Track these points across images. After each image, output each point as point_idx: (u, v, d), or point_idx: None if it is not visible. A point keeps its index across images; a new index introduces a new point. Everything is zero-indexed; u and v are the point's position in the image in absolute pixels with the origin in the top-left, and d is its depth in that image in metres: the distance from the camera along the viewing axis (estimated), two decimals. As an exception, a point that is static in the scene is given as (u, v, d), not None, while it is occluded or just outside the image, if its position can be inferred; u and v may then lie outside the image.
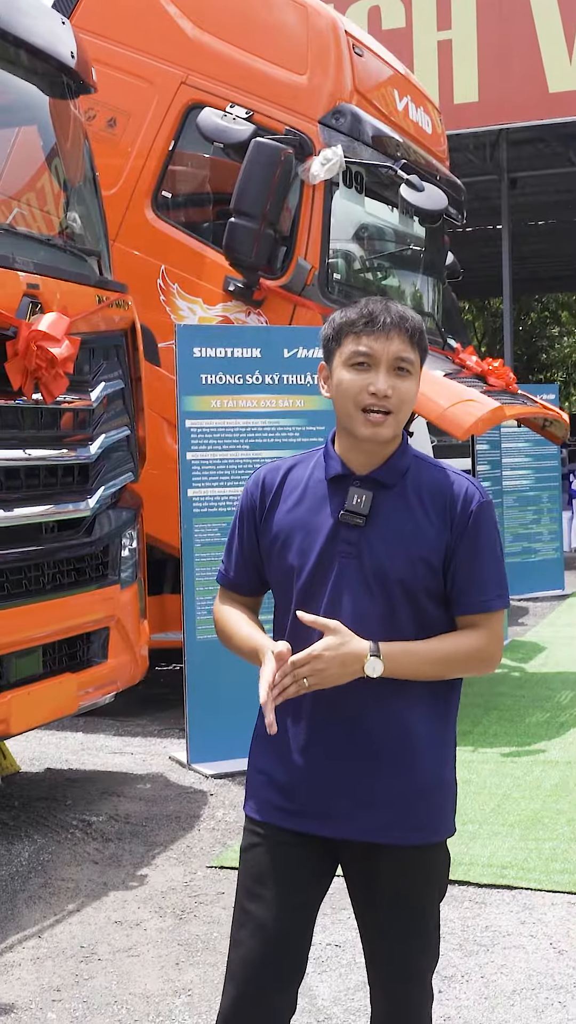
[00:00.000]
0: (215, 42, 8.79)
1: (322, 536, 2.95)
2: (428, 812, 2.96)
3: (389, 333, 2.90)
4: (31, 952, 4.87)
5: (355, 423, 2.92)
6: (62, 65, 6.71)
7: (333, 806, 2.91)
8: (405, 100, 9.59)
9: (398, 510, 2.94)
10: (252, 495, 3.10)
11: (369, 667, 2.80)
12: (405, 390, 2.92)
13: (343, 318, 2.97)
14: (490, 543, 2.98)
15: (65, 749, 8.18)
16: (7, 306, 5.72)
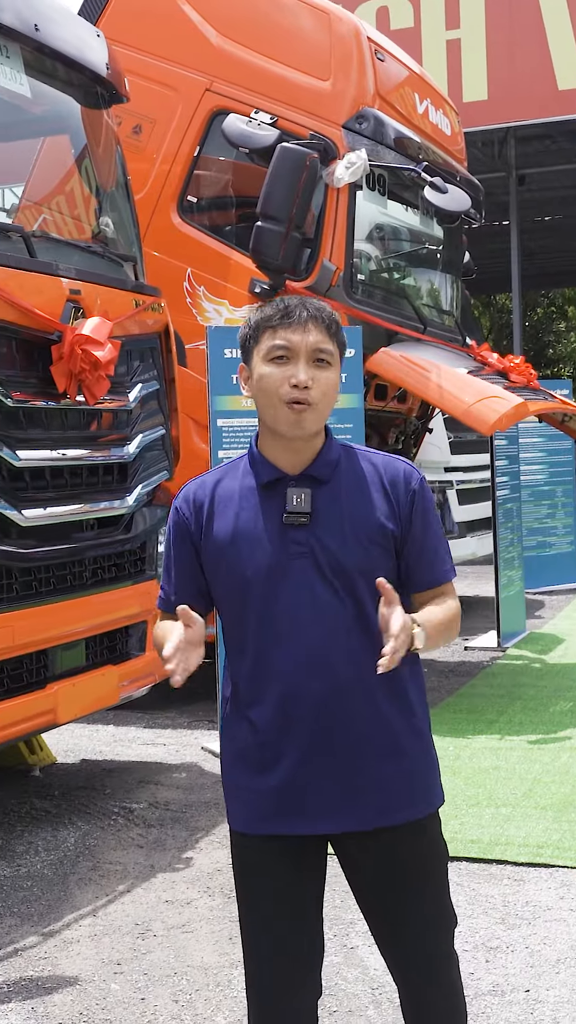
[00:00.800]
0: (239, 49, 8.99)
1: (269, 542, 2.94)
2: (419, 786, 3.01)
3: (306, 325, 2.90)
4: (88, 930, 5.09)
5: (278, 419, 2.91)
6: (97, 76, 6.92)
7: (324, 803, 2.93)
8: (425, 103, 9.79)
9: (339, 501, 2.95)
10: (183, 514, 3.06)
11: (418, 638, 2.82)
12: (325, 380, 2.92)
13: (260, 316, 2.98)
14: (435, 518, 3.06)
15: (98, 741, 8.39)
16: (51, 311, 5.93)
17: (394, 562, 2.99)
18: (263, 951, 3.00)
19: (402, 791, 2.97)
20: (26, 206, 7.64)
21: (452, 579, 3.07)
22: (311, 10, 9.01)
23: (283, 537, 2.93)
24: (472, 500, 13.04)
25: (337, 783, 2.93)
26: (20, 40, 6.19)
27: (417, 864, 3.01)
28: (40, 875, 5.76)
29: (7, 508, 5.65)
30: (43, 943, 4.97)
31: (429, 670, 10.59)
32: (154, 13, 9.23)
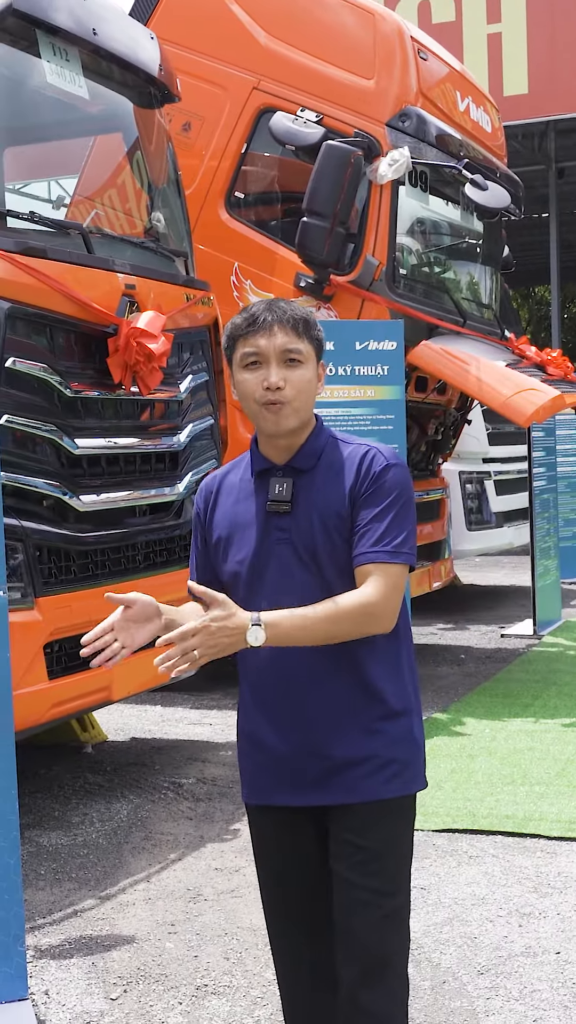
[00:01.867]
0: (285, 48, 9.21)
1: (256, 528, 3.10)
2: (378, 769, 3.05)
3: (271, 329, 3.02)
4: (142, 894, 5.36)
5: (259, 418, 3.07)
6: (150, 77, 7.16)
7: (302, 776, 3.06)
8: (467, 100, 10.00)
9: (317, 490, 3.07)
10: (199, 506, 3.26)
11: (251, 636, 2.85)
12: (298, 378, 3.03)
13: (231, 326, 3.11)
14: (387, 499, 3.03)
15: (146, 721, 8.67)
16: (108, 305, 6.19)
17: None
18: (275, 912, 3.22)
19: (360, 771, 3.04)
20: (81, 202, 7.90)
21: (380, 561, 2.99)
22: (356, 10, 9.22)
23: (268, 524, 3.08)
24: (509, 491, 13.26)
25: (309, 758, 3.05)
26: (79, 44, 6.44)
27: (366, 844, 3.05)
28: (95, 844, 6.03)
29: (66, 494, 5.91)
30: (100, 905, 5.25)
31: (466, 656, 10.85)
32: (203, 13, 9.45)
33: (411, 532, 3.06)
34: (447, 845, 5.87)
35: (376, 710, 3.06)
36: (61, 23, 6.20)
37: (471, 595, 14.62)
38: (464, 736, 7.85)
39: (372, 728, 3.05)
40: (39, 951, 4.78)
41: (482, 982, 4.40)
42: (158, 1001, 4.33)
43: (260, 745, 3.12)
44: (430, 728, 7.90)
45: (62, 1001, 4.37)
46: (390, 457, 3.10)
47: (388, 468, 3.07)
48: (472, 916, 4.98)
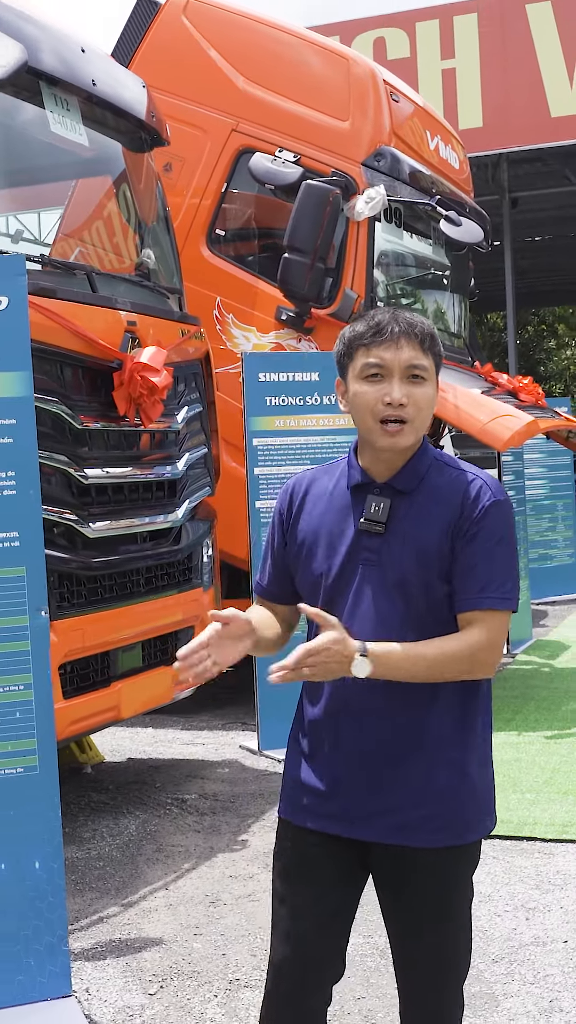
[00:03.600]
0: (263, 92, 9.57)
1: (345, 544, 2.97)
2: (453, 813, 2.94)
3: (399, 341, 2.90)
4: (163, 900, 5.63)
5: (373, 434, 2.92)
6: (142, 123, 7.50)
7: (358, 808, 2.95)
8: (436, 139, 10.40)
9: (414, 516, 2.93)
10: (281, 505, 3.13)
11: (356, 667, 2.79)
12: (421, 396, 2.92)
13: (352, 332, 2.98)
14: (493, 541, 2.91)
15: (140, 742, 8.93)
16: (112, 341, 6.49)
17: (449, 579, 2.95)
18: (281, 939, 3.07)
19: (432, 813, 2.93)
20: (77, 241, 8.20)
21: (485, 608, 2.90)
22: (330, 55, 9.61)
23: (357, 543, 2.96)
24: (478, 514, 13.59)
25: (372, 792, 2.94)
26: (79, 94, 6.77)
27: (436, 893, 2.99)
28: (110, 856, 6.30)
29: (78, 522, 6.20)
30: (124, 912, 5.52)
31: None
32: (182, 58, 9.79)
33: (516, 576, 2.97)
34: (447, 849, 6.17)
35: (460, 752, 2.96)
36: (64, 76, 6.52)
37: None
38: (451, 749, 8.15)
39: (453, 770, 2.94)
40: (73, 954, 5.04)
41: (497, 969, 4.70)
42: (194, 995, 4.61)
43: (319, 764, 3.01)
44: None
45: (103, 997, 4.63)
46: (496, 492, 2.96)
47: (495, 505, 2.93)
48: (481, 912, 5.28)
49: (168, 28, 9.86)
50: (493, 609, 2.90)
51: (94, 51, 7.04)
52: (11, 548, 4.49)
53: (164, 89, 9.49)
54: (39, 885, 4.48)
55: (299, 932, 3.02)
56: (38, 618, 4.53)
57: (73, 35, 6.83)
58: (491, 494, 2.93)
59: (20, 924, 4.44)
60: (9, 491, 4.49)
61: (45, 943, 4.47)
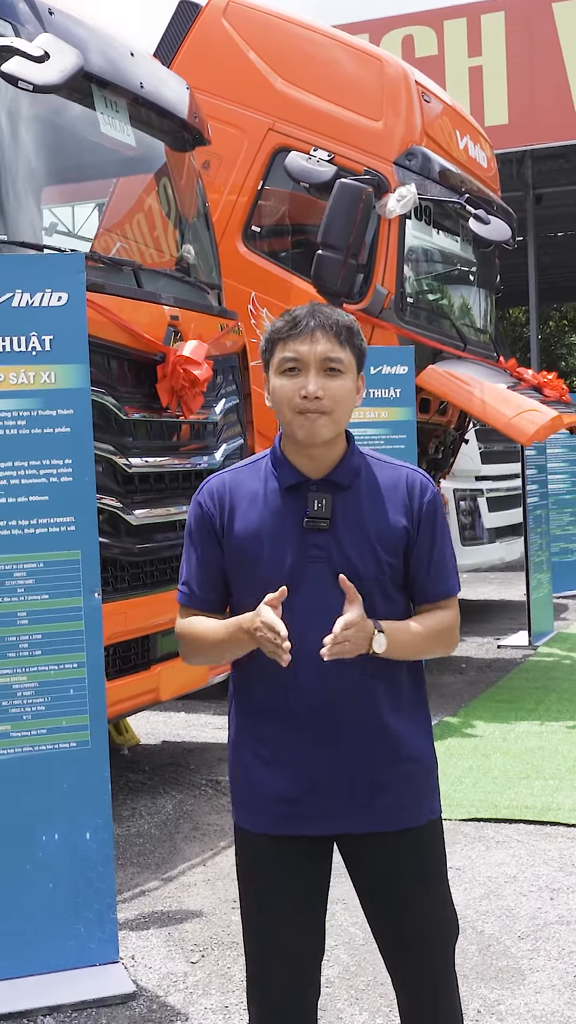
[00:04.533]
0: (299, 92, 9.77)
1: (290, 544, 2.96)
2: (419, 793, 3.08)
3: (314, 334, 2.91)
4: (201, 875, 5.85)
5: (292, 427, 2.94)
6: (185, 124, 7.69)
7: (329, 804, 3.00)
8: (465, 138, 10.58)
9: (359, 509, 2.97)
10: (209, 510, 3.07)
11: (377, 643, 2.88)
12: (337, 388, 2.93)
13: (272, 328, 3.00)
14: (444, 531, 3.06)
15: (173, 726, 9.15)
16: (156, 335, 6.70)
17: (403, 570, 3.04)
18: (265, 948, 3.12)
19: (401, 797, 3.04)
20: (122, 237, 8.40)
21: (455, 593, 3.09)
22: (364, 56, 9.81)
23: (302, 541, 2.97)
24: (501, 507, 13.81)
25: (339, 785, 3.00)
26: (128, 96, 6.97)
27: (415, 870, 3.09)
28: (148, 834, 6.52)
29: (122, 509, 6.41)
30: (164, 886, 5.74)
31: (467, 665, 11.37)
32: (222, 59, 9.98)
33: (455, 559, 3.15)
34: (474, 832, 6.38)
35: (411, 735, 3.06)
36: (115, 79, 6.72)
37: (464, 609, 15.06)
38: (476, 737, 8.37)
39: (409, 754, 3.05)
40: (118, 924, 5.25)
41: (523, 945, 4.91)
42: (234, 963, 4.82)
43: (283, 771, 3.02)
44: (443, 730, 8.43)
45: (148, 964, 4.85)
46: (431, 482, 3.10)
47: (436, 497, 3.07)
48: (506, 891, 5.50)
49: (208, 30, 10.06)
50: (455, 594, 3.11)
51: (141, 54, 7.25)
52: (67, 532, 4.71)
53: (203, 89, 9.67)
54: (89, 855, 4.71)
55: (282, 945, 3.09)
56: (91, 600, 4.76)
57: (121, 38, 7.04)
58: (431, 487, 3.08)
59: (71, 892, 4.67)
60: (66, 478, 4.71)
61: (95, 911, 4.69)
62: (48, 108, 6.45)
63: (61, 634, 4.70)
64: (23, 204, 6.31)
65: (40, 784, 4.67)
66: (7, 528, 4.65)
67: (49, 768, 4.68)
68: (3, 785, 4.62)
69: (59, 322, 4.69)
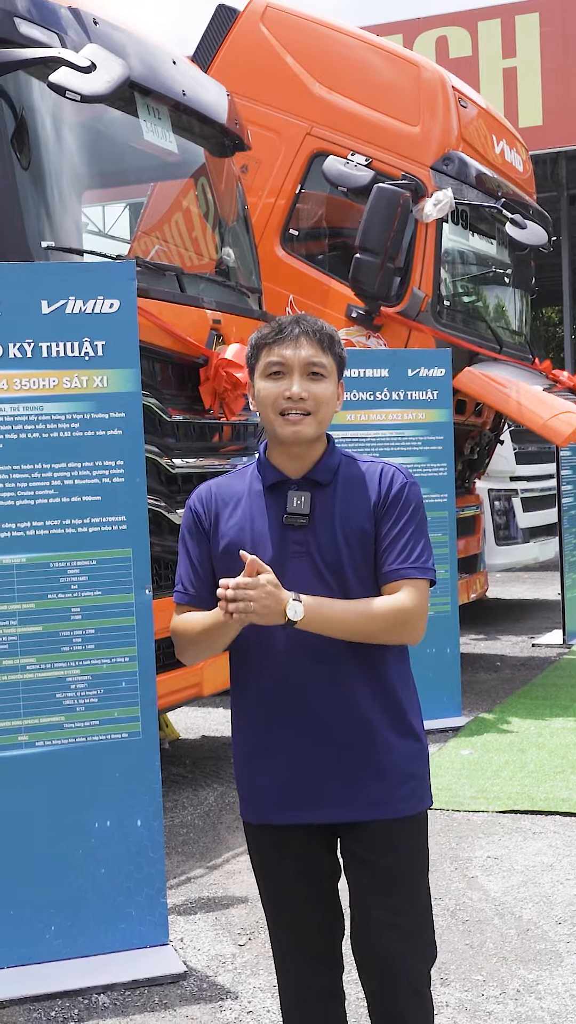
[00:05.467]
0: (336, 97, 9.93)
1: (271, 542, 3.08)
2: (398, 786, 3.11)
3: (298, 340, 3.05)
4: (245, 863, 6.00)
5: (276, 426, 3.07)
6: (226, 130, 7.87)
7: (316, 793, 3.08)
8: (501, 143, 10.71)
9: (337, 504, 3.08)
10: (197, 513, 3.20)
11: (291, 609, 2.92)
12: (320, 392, 3.05)
13: (258, 335, 3.13)
14: (413, 518, 3.10)
15: (212, 721, 9.32)
16: (199, 338, 6.87)
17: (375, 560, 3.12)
18: (286, 943, 3.25)
19: (380, 788, 3.09)
20: (162, 241, 8.59)
21: (411, 577, 3.08)
22: (401, 62, 9.96)
23: (283, 537, 3.09)
24: (535, 508, 13.94)
25: (322, 774, 3.08)
26: (170, 103, 7.15)
27: (387, 865, 3.12)
28: (192, 824, 6.69)
29: (166, 508, 6.58)
30: (209, 874, 5.91)
31: (502, 663, 11.49)
32: (259, 64, 10.14)
33: (430, 548, 3.15)
34: (511, 824, 6.53)
35: (393, 726, 3.11)
36: (158, 87, 6.90)
37: (498, 608, 15.25)
38: (512, 733, 8.50)
39: (390, 744, 3.10)
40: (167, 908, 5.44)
41: (561, 930, 5.05)
42: (280, 947, 4.98)
43: (271, 760, 3.11)
44: (479, 726, 8.58)
45: (197, 947, 5.02)
46: (407, 475, 3.17)
47: (407, 485, 3.13)
48: (543, 879, 5.64)
49: (246, 34, 10.22)
50: (413, 578, 3.07)
51: (183, 61, 7.42)
52: (119, 531, 4.89)
53: (241, 93, 9.83)
54: (141, 841, 4.87)
55: (300, 934, 3.21)
56: (143, 595, 4.93)
57: (162, 46, 7.22)
58: (403, 477, 3.14)
59: (124, 877, 4.84)
60: (118, 479, 4.88)
61: (145, 895, 4.86)
62: (91, 115, 6.63)
63: (113, 629, 4.88)
64: (68, 210, 6.49)
65: (93, 773, 4.84)
66: (61, 527, 4.82)
67: (101, 758, 4.85)
68: (57, 774, 4.79)
69: (111, 328, 4.86)
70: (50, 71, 5.99)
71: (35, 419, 4.79)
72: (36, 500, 4.80)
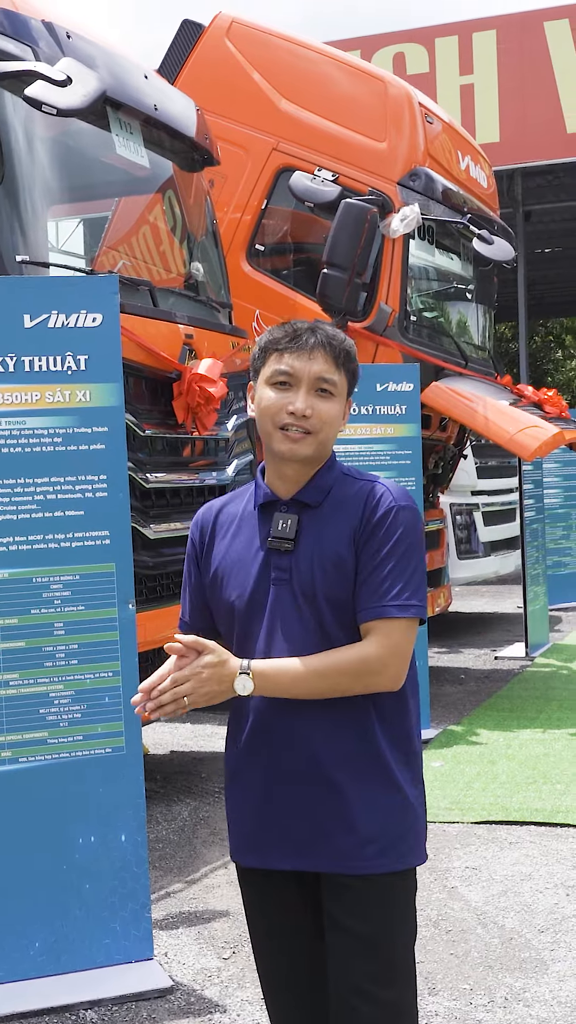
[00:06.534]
0: (303, 113, 9.97)
1: (255, 566, 2.86)
2: (379, 838, 2.82)
3: (312, 352, 2.81)
4: (223, 878, 6.01)
5: (273, 440, 2.83)
6: (196, 144, 7.89)
7: (289, 840, 2.84)
8: (466, 160, 10.79)
9: (321, 528, 2.84)
10: (192, 536, 3.03)
11: (239, 684, 2.71)
12: (325, 411, 2.82)
13: (269, 337, 2.89)
14: (397, 547, 2.79)
15: (180, 736, 9.31)
16: (172, 353, 6.88)
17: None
18: (273, 985, 3.06)
19: (359, 839, 2.82)
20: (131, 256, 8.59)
21: (387, 616, 2.77)
22: (367, 77, 10.02)
23: (267, 563, 2.87)
24: (496, 522, 14.04)
25: (295, 818, 2.84)
26: (142, 118, 7.16)
27: (366, 927, 2.83)
28: (167, 839, 6.68)
29: (140, 523, 6.58)
30: (188, 888, 5.90)
31: (466, 676, 11.54)
32: (225, 79, 10.17)
33: (420, 582, 2.82)
34: (487, 834, 6.56)
35: (379, 775, 2.84)
36: (131, 102, 6.92)
37: (460, 621, 15.32)
38: (481, 744, 8.54)
39: (373, 793, 2.84)
40: (147, 924, 5.44)
41: (544, 938, 5.08)
42: (264, 960, 4.98)
43: (251, 797, 2.91)
44: (448, 738, 8.62)
45: (182, 961, 5.02)
46: (399, 497, 2.86)
47: (395, 509, 2.83)
48: (523, 889, 5.67)
49: (211, 49, 10.25)
50: (392, 617, 2.77)
51: (154, 76, 7.45)
52: (102, 546, 4.88)
53: (207, 108, 9.83)
54: (125, 856, 4.86)
55: (283, 978, 3.02)
56: (126, 610, 4.93)
57: (134, 60, 7.24)
58: (392, 499, 2.83)
59: (108, 892, 4.82)
60: (101, 493, 4.88)
61: (130, 910, 4.85)
62: (61, 129, 6.63)
63: (96, 644, 4.87)
64: (41, 224, 6.50)
65: (76, 789, 4.82)
66: (44, 542, 4.81)
67: (85, 773, 4.84)
68: (41, 790, 4.77)
69: (94, 342, 4.86)
70: (24, 85, 6.00)
71: (18, 433, 4.78)
72: (19, 515, 4.79)
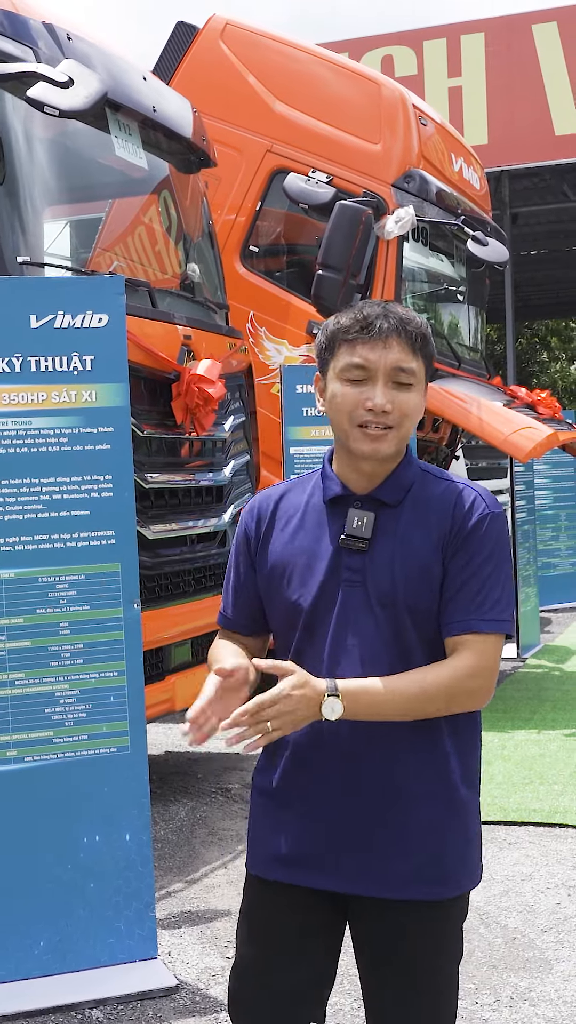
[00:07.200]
0: (297, 114, 9.99)
1: (323, 565, 2.67)
2: (438, 862, 2.67)
3: (387, 340, 2.60)
4: (224, 877, 6.02)
5: (352, 439, 2.64)
6: (193, 146, 7.90)
7: (333, 858, 2.67)
8: (459, 161, 10.82)
9: (402, 530, 2.65)
10: (247, 525, 2.82)
11: (326, 708, 2.50)
12: (406, 402, 2.62)
13: (336, 325, 2.67)
14: (489, 558, 2.63)
15: (173, 737, 9.30)
16: (171, 354, 6.89)
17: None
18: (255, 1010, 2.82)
19: (417, 862, 2.66)
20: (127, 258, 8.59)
21: (479, 631, 2.60)
22: (362, 79, 10.04)
23: (337, 562, 2.68)
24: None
25: (351, 836, 2.67)
26: (140, 119, 7.17)
27: (415, 954, 2.69)
28: (166, 839, 6.69)
29: (140, 525, 6.58)
30: (189, 888, 5.91)
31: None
32: (219, 81, 10.19)
33: (511, 596, 2.69)
34: (486, 835, 6.53)
35: (443, 794, 2.69)
36: (130, 104, 6.93)
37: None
38: (476, 745, 8.55)
39: (434, 815, 2.68)
40: (150, 924, 5.44)
41: (547, 938, 5.10)
42: (268, 960, 4.99)
43: (293, 811, 2.73)
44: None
45: (185, 960, 5.02)
46: (491, 504, 2.70)
47: (488, 517, 2.67)
48: (525, 888, 5.69)
49: (206, 52, 10.27)
50: (483, 632, 2.61)
51: (152, 78, 7.46)
52: (108, 546, 4.89)
53: (201, 110, 9.86)
54: (129, 855, 4.87)
55: (275, 1004, 2.77)
56: (131, 610, 4.94)
57: (133, 62, 7.25)
58: (486, 506, 2.68)
59: (112, 891, 4.83)
60: (107, 493, 4.89)
61: (134, 909, 4.86)
62: (60, 130, 6.64)
63: (102, 643, 4.87)
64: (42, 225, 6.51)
65: (81, 788, 4.83)
66: (50, 542, 4.82)
67: (90, 773, 4.84)
68: (46, 789, 4.78)
69: (100, 342, 4.87)
70: (26, 86, 6.01)
71: (24, 434, 4.79)
72: (25, 515, 4.80)
